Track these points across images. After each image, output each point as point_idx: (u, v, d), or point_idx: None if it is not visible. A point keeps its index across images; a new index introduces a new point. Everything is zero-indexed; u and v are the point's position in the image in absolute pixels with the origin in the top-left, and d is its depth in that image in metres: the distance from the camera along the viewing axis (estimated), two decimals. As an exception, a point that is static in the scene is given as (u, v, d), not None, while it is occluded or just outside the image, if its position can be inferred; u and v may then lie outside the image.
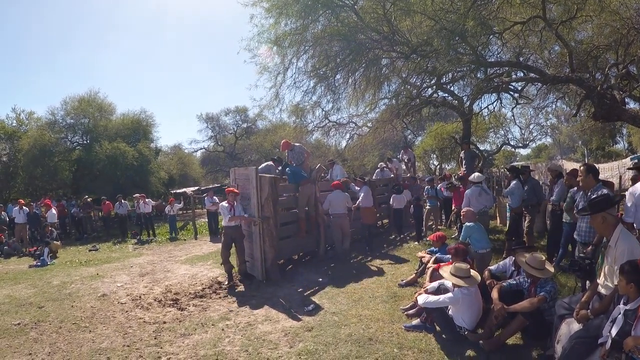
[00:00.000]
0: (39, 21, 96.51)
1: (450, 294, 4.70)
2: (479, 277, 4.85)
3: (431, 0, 8.08)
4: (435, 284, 5.23)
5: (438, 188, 11.28)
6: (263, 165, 8.97)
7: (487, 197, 7.97)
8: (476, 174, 8.29)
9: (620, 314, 3.07)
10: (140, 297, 7.09)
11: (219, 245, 7.86)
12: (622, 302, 3.14)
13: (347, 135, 17.33)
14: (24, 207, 13.93)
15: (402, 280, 6.91)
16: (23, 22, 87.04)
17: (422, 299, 4.84)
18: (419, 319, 5.09)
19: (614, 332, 3.03)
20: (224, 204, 7.50)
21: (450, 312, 4.78)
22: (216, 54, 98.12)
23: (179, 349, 4.84)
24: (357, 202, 9.56)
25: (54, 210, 14.27)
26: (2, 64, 68.64)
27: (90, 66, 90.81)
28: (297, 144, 9.35)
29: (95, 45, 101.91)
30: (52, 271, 9.69)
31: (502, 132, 24.92)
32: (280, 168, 9.24)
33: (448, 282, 4.99)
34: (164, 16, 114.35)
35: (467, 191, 8.08)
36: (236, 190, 7.54)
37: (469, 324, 4.60)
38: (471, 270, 4.88)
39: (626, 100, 9.84)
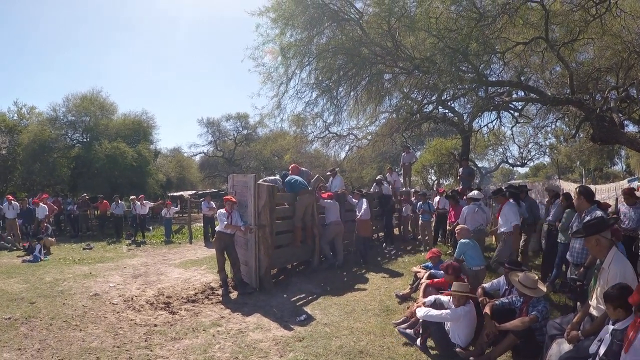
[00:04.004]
0: (45, 19, 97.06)
1: (449, 311, 4.70)
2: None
3: (435, 18, 8.18)
4: (431, 297, 5.23)
5: (431, 202, 11.36)
6: (271, 178, 9.13)
7: (483, 216, 8.00)
8: (475, 191, 8.33)
9: (608, 333, 3.10)
10: (132, 298, 7.05)
11: (214, 251, 7.85)
12: (610, 322, 3.17)
13: (347, 147, 17.31)
14: (13, 202, 13.82)
15: (400, 292, 6.90)
16: (28, 19, 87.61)
17: (422, 312, 4.82)
18: (412, 331, 5.10)
19: (601, 351, 3.06)
20: (222, 210, 7.51)
21: (447, 328, 4.78)
22: (220, 60, 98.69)
23: (169, 353, 4.83)
24: (360, 213, 9.58)
25: (42, 205, 14.11)
26: (6, 60, 68.94)
27: (94, 65, 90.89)
28: (304, 169, 9.65)
29: (100, 45, 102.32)
30: (45, 267, 9.63)
31: (501, 149, 25.20)
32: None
33: (444, 297, 5.00)
34: (170, 19, 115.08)
35: (464, 208, 8.12)
36: (234, 199, 7.54)
37: (463, 341, 4.61)
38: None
39: (625, 123, 9.94)
